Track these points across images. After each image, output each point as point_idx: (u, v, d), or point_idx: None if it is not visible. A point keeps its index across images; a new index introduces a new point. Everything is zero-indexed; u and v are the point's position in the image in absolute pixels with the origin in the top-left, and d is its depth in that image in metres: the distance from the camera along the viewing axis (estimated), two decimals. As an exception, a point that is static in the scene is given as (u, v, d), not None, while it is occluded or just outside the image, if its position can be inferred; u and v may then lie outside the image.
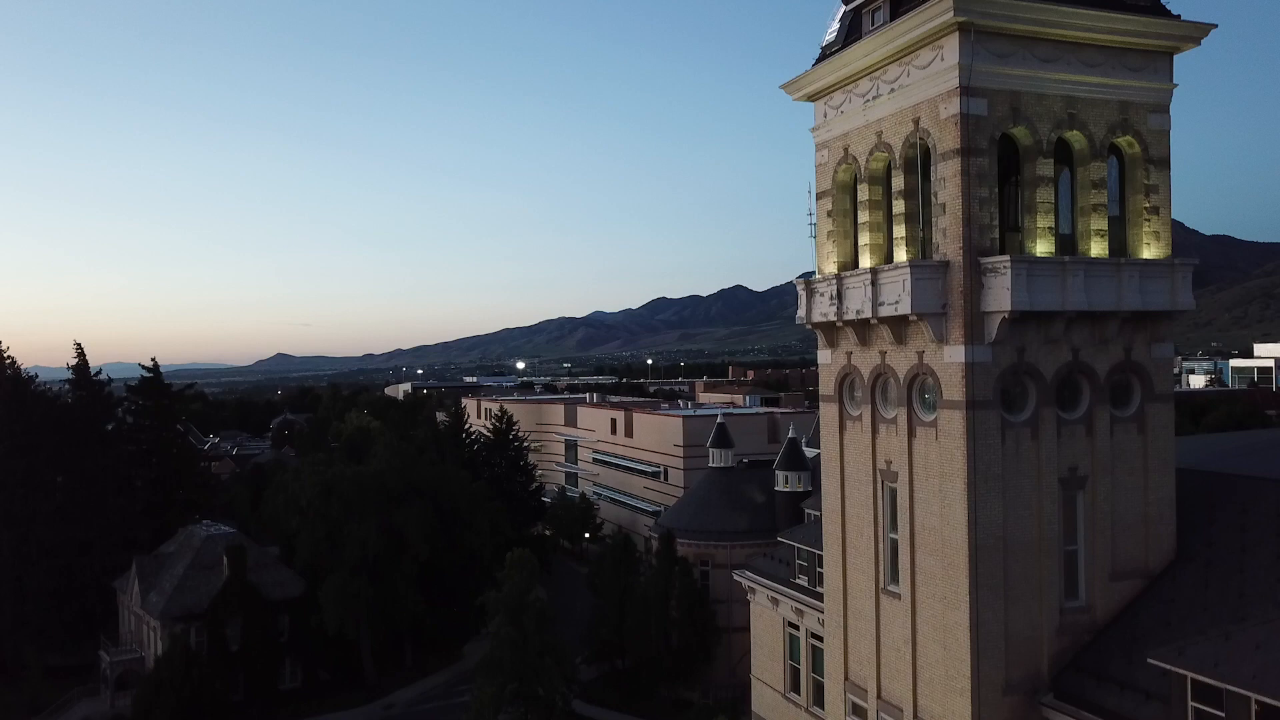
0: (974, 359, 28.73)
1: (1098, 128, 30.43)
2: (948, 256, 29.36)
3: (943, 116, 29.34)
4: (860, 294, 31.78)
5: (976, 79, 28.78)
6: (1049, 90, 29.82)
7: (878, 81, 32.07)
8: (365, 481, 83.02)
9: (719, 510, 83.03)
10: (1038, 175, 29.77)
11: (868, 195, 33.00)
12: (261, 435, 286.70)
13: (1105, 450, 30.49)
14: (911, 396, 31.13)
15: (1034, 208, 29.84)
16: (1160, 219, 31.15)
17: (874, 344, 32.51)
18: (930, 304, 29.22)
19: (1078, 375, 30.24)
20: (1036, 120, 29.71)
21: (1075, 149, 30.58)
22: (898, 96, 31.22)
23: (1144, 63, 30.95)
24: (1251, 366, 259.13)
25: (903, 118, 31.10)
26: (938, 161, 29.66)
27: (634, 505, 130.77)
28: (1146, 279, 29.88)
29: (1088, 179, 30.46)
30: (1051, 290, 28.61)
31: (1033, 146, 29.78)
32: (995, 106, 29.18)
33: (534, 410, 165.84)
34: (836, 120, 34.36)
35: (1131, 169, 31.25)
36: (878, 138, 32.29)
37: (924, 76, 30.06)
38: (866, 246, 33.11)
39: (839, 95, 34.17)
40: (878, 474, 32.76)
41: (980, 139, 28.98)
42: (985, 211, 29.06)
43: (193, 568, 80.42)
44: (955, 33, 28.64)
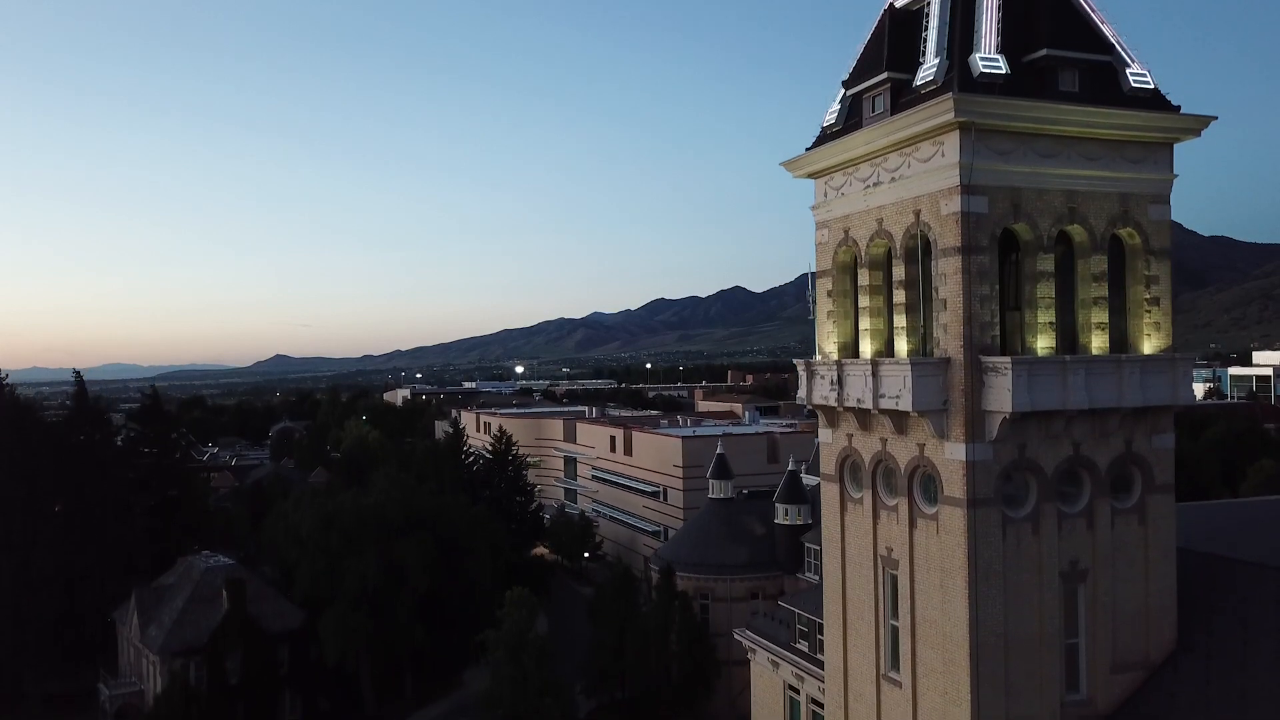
0: (975, 457, 28.75)
1: (1098, 220, 30.45)
2: (948, 353, 29.38)
3: (943, 213, 29.35)
4: (861, 383, 31.80)
5: (977, 176, 28.79)
6: (1050, 185, 29.83)
7: (878, 168, 32.07)
8: (365, 514, 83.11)
9: (719, 543, 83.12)
10: (1038, 270, 29.79)
11: (868, 280, 33.01)
12: (260, 443, 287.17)
13: (1106, 543, 30.52)
14: (913, 487, 31.15)
15: (1034, 303, 29.86)
16: (1161, 309, 31.17)
17: (875, 430, 32.54)
18: (931, 401, 29.24)
19: (1079, 469, 30.26)
20: (1037, 216, 29.72)
21: (1076, 241, 30.59)
22: (898, 186, 31.23)
23: (1144, 154, 30.97)
24: (1250, 375, 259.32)
25: (903, 208, 31.11)
26: (938, 257, 29.68)
27: (633, 525, 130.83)
28: (1147, 374, 29.91)
29: (1088, 272, 30.48)
30: (1053, 390, 28.63)
31: (1033, 242, 29.79)
32: (996, 203, 29.20)
33: (533, 425, 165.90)
34: (837, 201, 34.37)
35: (1132, 260, 31.27)
36: (878, 224, 32.30)
37: (924, 170, 30.07)
38: (867, 331, 33.13)
39: (839, 177, 34.17)
40: (879, 559, 32.80)
41: (981, 237, 28.99)
42: (986, 309, 29.08)
43: (192, 601, 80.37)
44: (956, 131, 28.64)
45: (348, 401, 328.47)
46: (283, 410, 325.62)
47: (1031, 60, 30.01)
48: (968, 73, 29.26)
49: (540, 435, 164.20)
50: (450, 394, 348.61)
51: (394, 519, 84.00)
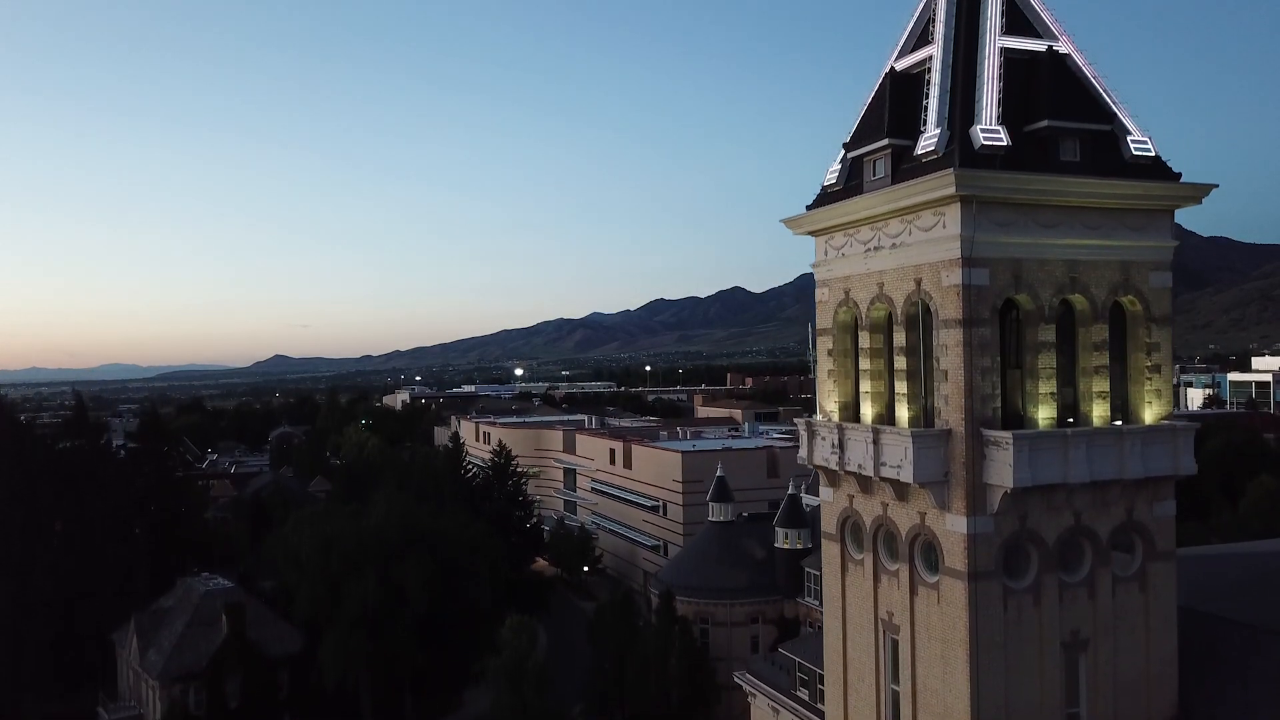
0: (976, 530, 28.73)
1: (1099, 289, 30.42)
2: (949, 425, 29.35)
3: (944, 284, 29.31)
4: (862, 449, 31.76)
5: (979, 249, 28.75)
6: (1051, 255, 29.80)
7: (879, 232, 32.02)
8: (364, 536, 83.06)
9: (719, 566, 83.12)
10: (1040, 341, 29.76)
11: (869, 343, 32.97)
12: (260, 448, 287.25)
13: (1107, 612, 30.50)
14: (914, 554, 31.12)
15: (1036, 373, 29.83)
16: (1162, 377, 31.14)
17: (876, 494, 32.50)
18: (932, 473, 29.22)
19: (1080, 538, 30.24)
20: (1039, 286, 29.69)
21: (1077, 310, 30.55)
22: (899, 253, 31.19)
23: (1146, 222, 30.95)
24: (1249, 381, 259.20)
25: (904, 274, 31.06)
26: (939, 327, 29.63)
27: (633, 538, 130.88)
28: (1149, 444, 29.88)
29: (1089, 341, 30.45)
30: (1054, 464, 28.61)
31: (1035, 312, 29.76)
32: (998, 275, 29.16)
33: (532, 436, 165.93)
34: (838, 262, 34.32)
35: (1133, 327, 31.23)
36: (879, 288, 32.25)
37: (926, 239, 30.03)
38: (868, 394, 33.09)
39: (840, 237, 34.13)
40: (879, 623, 32.77)
41: (983, 309, 28.95)
42: (988, 381, 29.05)
43: (191, 625, 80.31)
44: (957, 204, 28.59)
45: (347, 406, 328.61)
46: (282, 414, 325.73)
47: (1033, 130, 29.98)
48: (969, 144, 29.20)
49: (540, 446, 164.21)
50: (450, 398, 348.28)
51: (393, 541, 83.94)
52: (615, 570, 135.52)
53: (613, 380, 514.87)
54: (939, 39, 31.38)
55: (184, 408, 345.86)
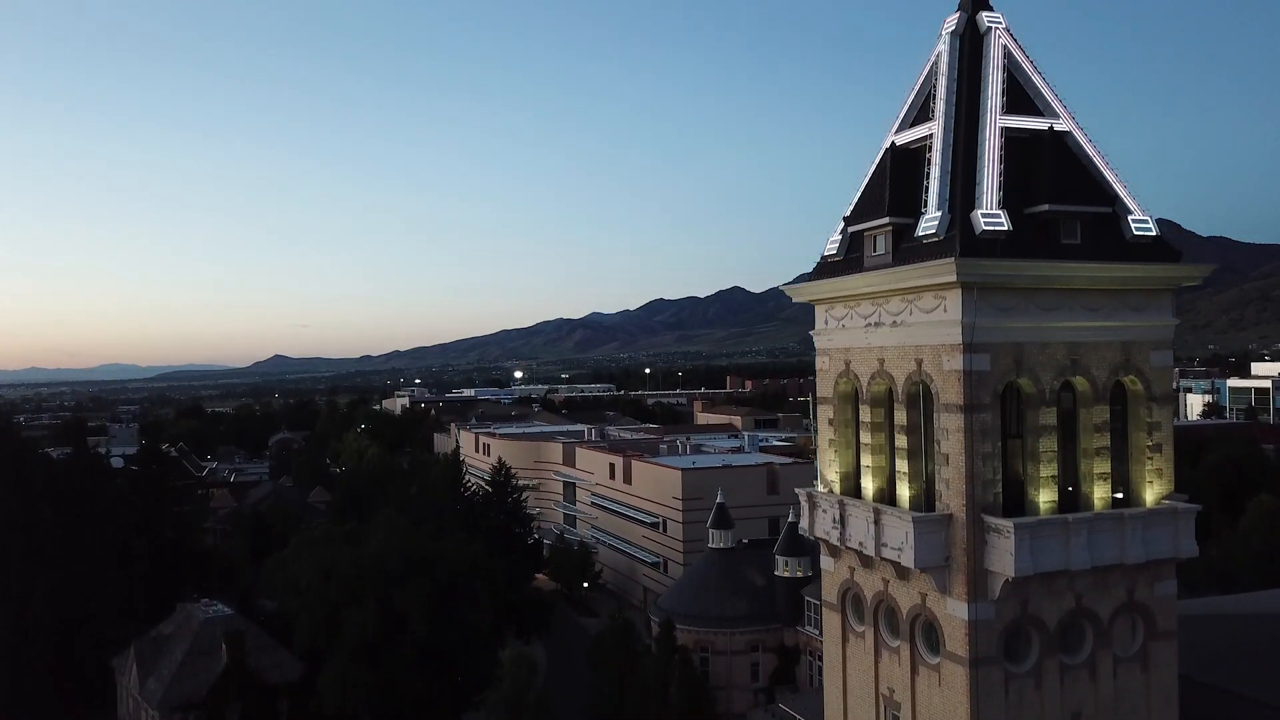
0: (977, 616, 28.71)
1: (1100, 370, 30.38)
2: (950, 509, 29.32)
3: (945, 368, 29.28)
4: (863, 527, 31.73)
5: (980, 335, 28.71)
6: (1052, 338, 29.76)
7: (880, 308, 31.97)
8: (364, 563, 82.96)
9: (718, 594, 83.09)
10: (1041, 425, 29.73)
11: (869, 417, 32.92)
12: (260, 453, 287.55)
13: (1108, 693, 30.49)
14: (915, 633, 31.10)
15: (1037, 456, 29.79)
16: (1163, 456, 31.11)
17: (877, 570, 32.48)
18: (933, 558, 29.20)
19: (1081, 620, 30.22)
20: (1040, 370, 29.66)
21: (1078, 391, 30.51)
22: (900, 332, 31.14)
23: (1146, 301, 30.91)
24: (1249, 387, 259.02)
25: (905, 354, 31.02)
26: (940, 410, 29.60)
27: (633, 554, 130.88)
28: (1150, 527, 29.86)
29: (1090, 422, 30.41)
30: (1056, 551, 28.59)
31: (1035, 396, 29.73)
32: (999, 360, 29.13)
33: (532, 448, 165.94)
34: (838, 333, 34.27)
35: (1134, 406, 31.20)
36: (879, 364, 32.21)
37: (926, 320, 29.98)
38: (869, 469, 33.05)
39: (840, 308, 34.07)
40: (880, 698, 32.75)
41: (984, 394, 28.92)
42: (989, 466, 29.01)
43: (191, 654, 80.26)
44: (958, 289, 28.56)
45: (346, 410, 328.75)
46: (281, 419, 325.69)
47: (1034, 213, 29.93)
48: (970, 229, 29.15)
49: (539, 458, 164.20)
50: (449, 402, 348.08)
51: (393, 567, 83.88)
52: (615, 585, 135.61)
53: (612, 382, 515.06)
54: (939, 116, 31.32)
55: (183, 412, 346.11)
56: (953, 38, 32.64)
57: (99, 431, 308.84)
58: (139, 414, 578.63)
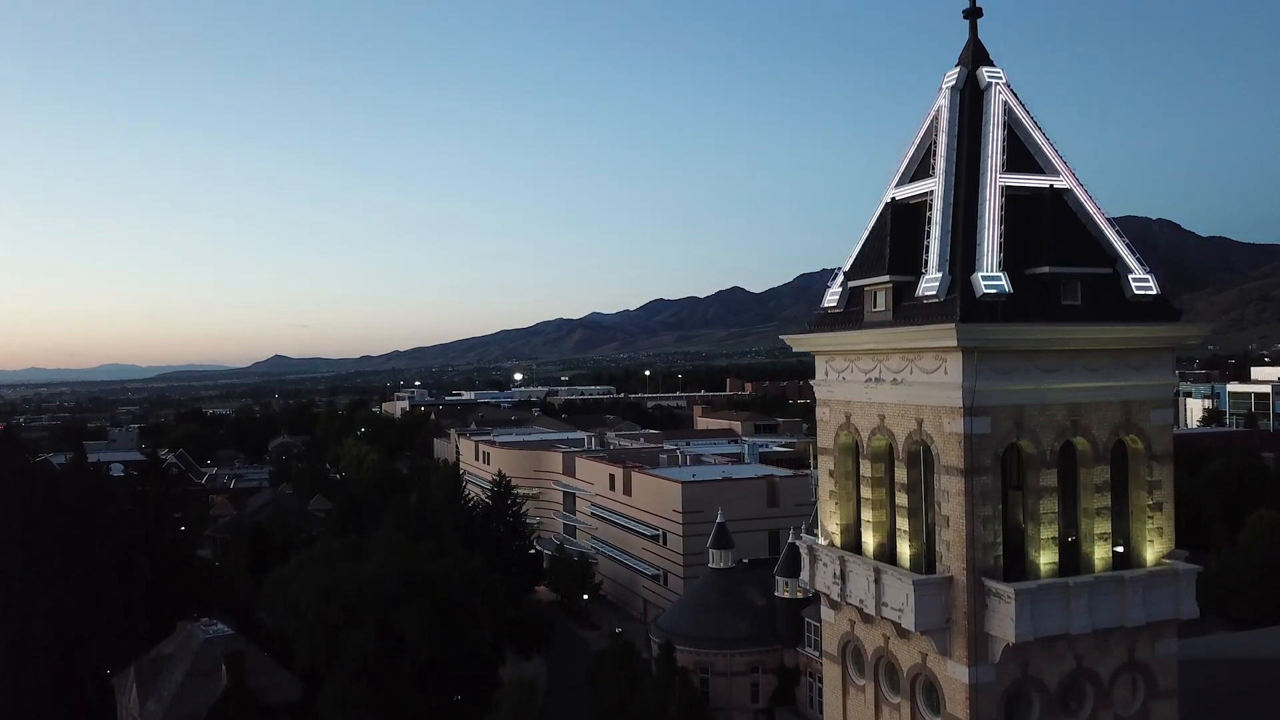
0: (978, 680, 28.70)
1: (1101, 430, 30.35)
2: (951, 572, 29.31)
3: (946, 430, 29.26)
4: (863, 584, 31.71)
5: (980, 398, 28.69)
6: (1053, 399, 29.73)
7: (881, 365, 31.94)
8: (364, 584, 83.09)
9: (718, 615, 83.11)
10: (1041, 486, 29.69)
11: (870, 472, 32.89)
12: (260, 458, 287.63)
13: (1109, 753, 30.48)
14: (915, 692, 31.09)
15: (1038, 518, 29.76)
16: (1164, 515, 31.09)
17: (877, 625, 32.46)
18: (934, 621, 29.18)
19: (1081, 680, 30.20)
20: (1040, 431, 29.63)
21: (1079, 451, 30.48)
22: (900, 390, 31.11)
23: (1147, 360, 30.88)
24: (1249, 392, 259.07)
25: (905, 412, 31.00)
26: (940, 472, 29.58)
27: (633, 566, 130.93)
28: (1151, 589, 29.85)
29: (1091, 482, 30.38)
30: (1056, 615, 28.57)
31: (1036, 457, 29.70)
32: (999, 423, 29.10)
33: (531, 457, 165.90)
34: (839, 385, 34.23)
35: (1134, 465, 31.17)
36: (880, 420, 32.19)
37: (927, 381, 29.95)
38: (869, 524, 33.02)
39: (841, 360, 34.04)
40: (881, 754, 32.74)
41: (984, 457, 28.90)
42: (989, 530, 28.99)
43: (191, 675, 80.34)
44: (959, 353, 28.54)
45: (346, 414, 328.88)
46: (281, 422, 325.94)
47: (1034, 274, 29.91)
48: (970, 292, 29.12)
49: (539, 467, 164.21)
50: (449, 405, 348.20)
51: (393, 588, 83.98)
52: (615, 597, 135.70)
53: (612, 384, 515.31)
54: (940, 174, 31.30)
55: (183, 415, 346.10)
56: (953, 92, 32.62)
57: (99, 435, 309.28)
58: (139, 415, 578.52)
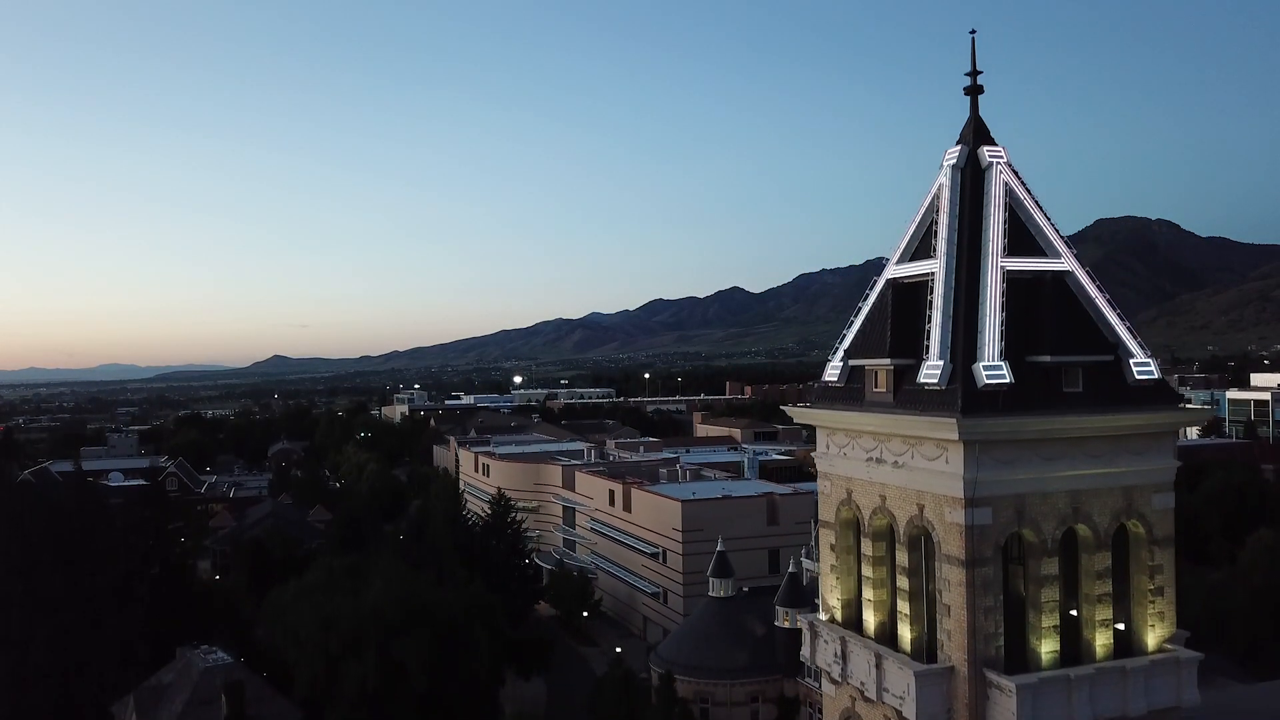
0: (979, 772, 28.67)
1: (1102, 517, 30.32)
2: (953, 662, 29.27)
3: (947, 520, 29.22)
4: (864, 667, 31.68)
5: (981, 489, 28.65)
6: (1054, 487, 29.69)
7: (882, 446, 31.90)
8: (363, 614, 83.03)
9: (719, 644, 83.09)
10: (1042, 575, 29.65)
11: (871, 551, 32.85)
12: (259, 463, 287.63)
13: (1109, 837, 30.41)
14: (915, 776, 31.04)
15: (1039, 606, 29.71)
16: (1165, 599, 31.05)
17: (879, 707, 32.41)
18: (935, 711, 29.16)
19: (1083, 768, 30.15)
20: (1042, 520, 29.60)
21: (1080, 538, 30.45)
22: (901, 473, 31.06)
23: (1149, 445, 30.83)
24: (1248, 399, 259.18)
25: (907, 495, 30.95)
26: (941, 560, 29.55)
27: (633, 583, 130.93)
28: (1152, 677, 29.83)
29: (1092, 569, 30.35)
30: (1058, 706, 28.51)
31: (1038, 545, 29.66)
32: (1000, 513, 29.07)
33: (531, 470, 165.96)
34: (840, 460, 34.18)
35: (1136, 549, 31.14)
36: (881, 500, 32.15)
37: (928, 467, 29.91)
38: (870, 602, 32.97)
39: (842, 436, 33.99)
40: (881, 833, 32.68)
41: (986, 548, 28.87)
42: (991, 620, 28.95)
43: (191, 704, 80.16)
44: (960, 444, 28.50)
45: (345, 417, 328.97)
46: (281, 427, 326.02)
47: (1036, 362, 29.86)
48: (972, 382, 29.08)
49: (539, 480, 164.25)
50: (449, 410, 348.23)
51: (393, 618, 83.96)
52: (614, 613, 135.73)
53: (611, 386, 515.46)
54: (941, 256, 31.24)
55: (182, 421, 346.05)
56: (954, 171, 32.56)
57: (98, 440, 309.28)
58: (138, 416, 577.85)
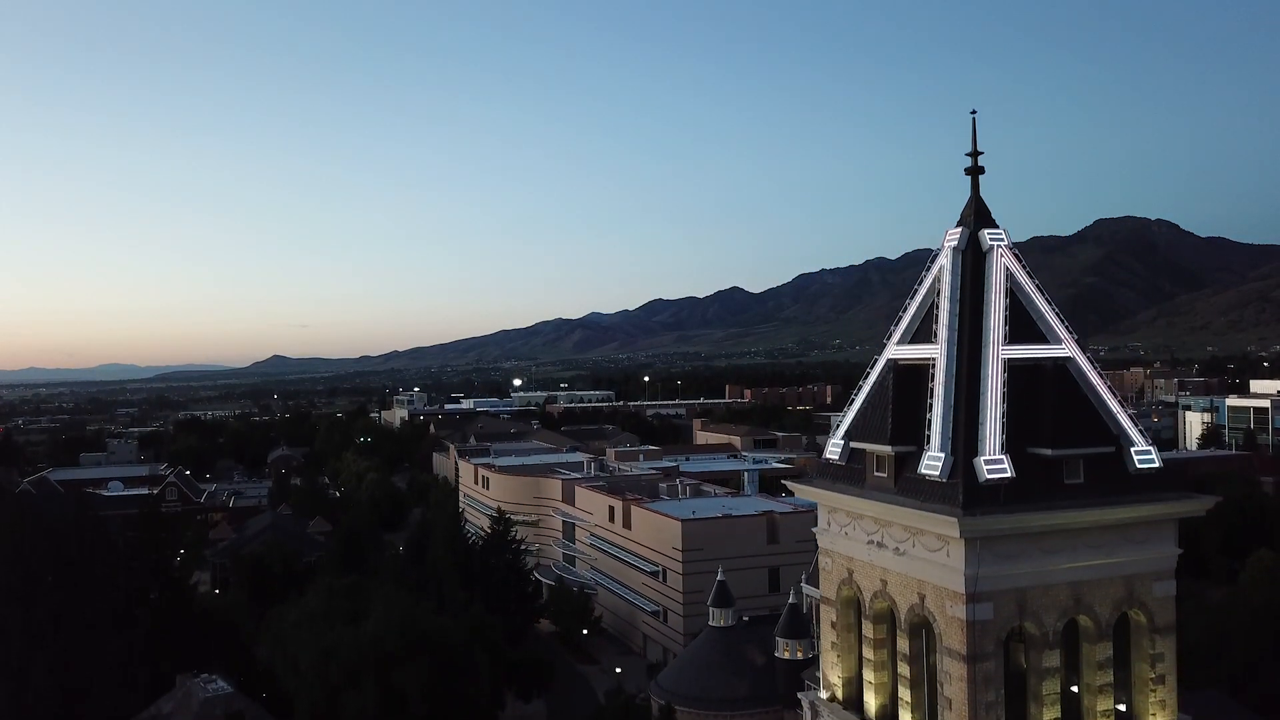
0: None
1: (1104, 607, 30.29)
2: (954, 755, 29.27)
3: (948, 614, 29.19)
4: (865, 753, 31.67)
5: (983, 584, 28.62)
6: (1055, 579, 29.66)
7: (883, 530, 31.85)
8: (364, 645, 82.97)
9: (719, 675, 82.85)
10: (1044, 668, 29.63)
11: (873, 634, 32.82)
12: (259, 469, 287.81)
13: None
14: None
15: (1040, 699, 29.69)
16: (1166, 686, 31.03)
17: (879, 789, 32.45)
18: (936, 804, 29.16)
19: None
20: (1043, 613, 29.57)
21: (1081, 628, 30.42)
22: (903, 561, 31.03)
23: (1150, 534, 30.82)
24: (1248, 406, 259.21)
25: (908, 583, 30.92)
26: (942, 653, 29.52)
27: (633, 601, 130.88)
28: (1153, 769, 29.83)
29: (1094, 659, 30.32)
30: (1059, 804, 28.54)
31: (1039, 638, 29.63)
32: (1002, 608, 29.04)
33: (531, 484, 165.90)
34: (841, 539, 34.14)
35: (1137, 637, 31.11)
36: (882, 584, 32.12)
37: (928, 559, 29.87)
38: (872, 685, 32.94)
39: (843, 515, 33.95)
40: None
41: (987, 643, 28.84)
42: (993, 715, 28.92)
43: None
44: (962, 541, 28.46)
45: (345, 421, 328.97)
46: (281, 433, 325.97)
47: (1036, 453, 29.82)
48: (973, 477, 29.03)
49: (539, 494, 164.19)
50: (448, 415, 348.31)
51: (393, 647, 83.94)
52: (614, 629, 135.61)
53: (611, 388, 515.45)
54: (942, 344, 31.17)
55: (181, 426, 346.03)
56: (955, 253, 32.51)
57: (97, 445, 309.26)
58: (138, 417, 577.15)
